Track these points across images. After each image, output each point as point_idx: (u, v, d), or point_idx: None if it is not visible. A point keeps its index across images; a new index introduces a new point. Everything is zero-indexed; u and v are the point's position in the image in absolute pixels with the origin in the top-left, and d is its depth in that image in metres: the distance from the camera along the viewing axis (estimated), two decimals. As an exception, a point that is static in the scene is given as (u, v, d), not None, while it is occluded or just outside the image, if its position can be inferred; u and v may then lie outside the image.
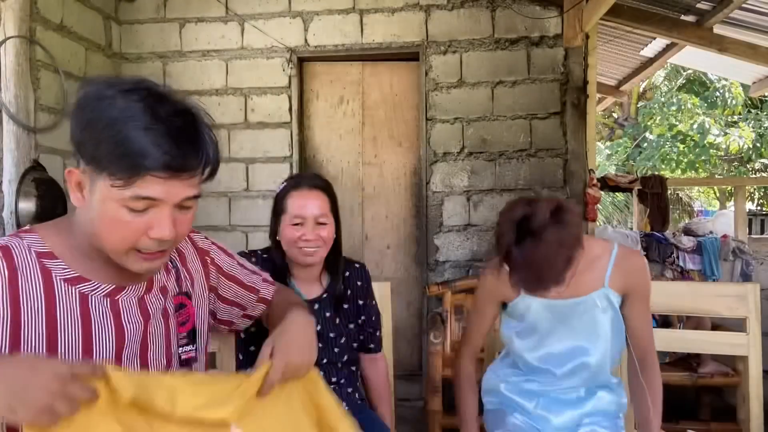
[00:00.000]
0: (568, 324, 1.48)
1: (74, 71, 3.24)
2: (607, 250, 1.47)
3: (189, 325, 1.05)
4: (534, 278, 1.31)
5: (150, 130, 0.79)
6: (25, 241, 0.89)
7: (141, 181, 0.81)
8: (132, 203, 0.82)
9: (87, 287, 0.90)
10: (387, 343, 1.77)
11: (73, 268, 0.90)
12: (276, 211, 1.57)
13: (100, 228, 0.85)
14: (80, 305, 0.89)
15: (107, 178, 0.81)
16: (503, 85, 3.52)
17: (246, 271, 1.21)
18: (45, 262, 0.88)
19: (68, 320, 0.88)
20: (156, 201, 0.83)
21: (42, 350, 0.85)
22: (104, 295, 0.92)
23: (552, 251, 1.25)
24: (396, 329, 3.67)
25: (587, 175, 3.42)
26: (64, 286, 0.88)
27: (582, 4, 3.33)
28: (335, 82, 3.74)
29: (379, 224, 3.74)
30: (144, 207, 0.83)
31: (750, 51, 3.68)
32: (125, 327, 0.93)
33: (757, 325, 1.63)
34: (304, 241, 1.51)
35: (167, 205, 0.85)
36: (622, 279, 1.45)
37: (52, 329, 0.86)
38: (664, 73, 10.23)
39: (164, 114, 0.81)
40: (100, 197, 0.83)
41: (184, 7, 3.70)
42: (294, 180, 1.59)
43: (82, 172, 0.85)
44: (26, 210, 2.73)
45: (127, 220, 0.84)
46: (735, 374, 2.79)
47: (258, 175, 3.66)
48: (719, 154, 10.08)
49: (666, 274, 3.68)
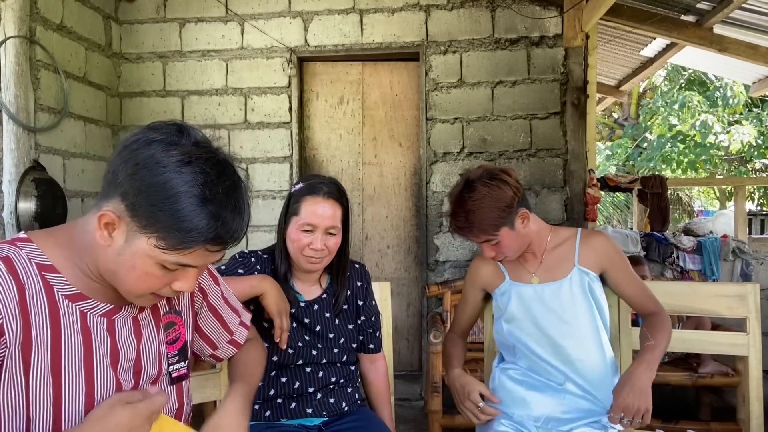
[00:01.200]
0: (549, 307, 1.56)
1: (74, 71, 3.24)
2: (573, 234, 1.63)
3: (179, 343, 1.05)
4: (465, 223, 1.48)
5: (210, 207, 0.80)
6: (24, 251, 0.86)
7: (189, 252, 0.82)
8: (170, 265, 0.84)
9: (86, 305, 0.90)
10: (387, 343, 1.77)
11: (73, 284, 0.89)
12: (287, 210, 1.55)
13: (123, 273, 0.85)
14: (81, 323, 0.88)
15: (154, 240, 0.81)
16: (503, 85, 3.52)
17: (228, 308, 1.20)
18: (47, 276, 0.86)
19: (71, 337, 0.87)
20: (190, 267, 0.86)
21: (47, 369, 0.84)
22: (101, 315, 0.91)
23: (481, 200, 1.45)
24: (396, 329, 3.69)
25: (587, 175, 3.42)
26: (65, 303, 0.87)
27: (582, 4, 3.33)
28: (335, 82, 3.74)
29: (379, 224, 3.74)
30: (178, 269, 0.86)
31: (750, 51, 3.68)
32: (119, 347, 0.93)
33: (757, 325, 1.63)
34: (311, 250, 1.50)
35: (196, 269, 0.88)
36: (590, 257, 1.57)
37: (57, 346, 0.85)
38: (665, 73, 10.23)
39: (222, 190, 0.82)
40: (136, 250, 0.83)
41: (184, 7, 3.70)
42: (311, 184, 1.54)
43: (120, 219, 0.82)
44: (26, 210, 2.73)
45: (157, 275, 0.85)
46: (735, 374, 2.79)
47: (258, 175, 3.66)
48: (719, 154, 10.08)
49: (666, 274, 3.69)
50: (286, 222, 1.55)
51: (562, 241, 1.61)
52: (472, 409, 1.54)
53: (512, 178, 1.51)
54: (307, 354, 1.55)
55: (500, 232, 1.48)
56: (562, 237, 1.62)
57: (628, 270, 1.59)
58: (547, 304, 1.57)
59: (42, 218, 2.76)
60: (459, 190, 1.50)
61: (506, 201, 1.47)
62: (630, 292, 1.59)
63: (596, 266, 1.57)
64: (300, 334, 1.56)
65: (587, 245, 1.58)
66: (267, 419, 1.54)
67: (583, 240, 1.60)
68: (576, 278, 1.56)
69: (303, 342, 1.55)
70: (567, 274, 1.57)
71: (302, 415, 1.54)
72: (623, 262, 1.59)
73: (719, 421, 2.85)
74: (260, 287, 1.44)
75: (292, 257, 1.55)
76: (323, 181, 1.55)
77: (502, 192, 1.47)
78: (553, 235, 1.62)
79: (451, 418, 2.78)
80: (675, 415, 2.86)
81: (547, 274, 1.59)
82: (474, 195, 1.46)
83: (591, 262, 1.57)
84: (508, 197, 1.47)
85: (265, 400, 1.55)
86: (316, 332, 1.58)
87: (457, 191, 1.51)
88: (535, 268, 1.61)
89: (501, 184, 1.48)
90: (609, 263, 1.58)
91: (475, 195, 1.46)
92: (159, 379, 1.01)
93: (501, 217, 1.46)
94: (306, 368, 1.56)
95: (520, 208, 1.50)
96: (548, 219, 3.43)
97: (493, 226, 1.47)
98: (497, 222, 1.47)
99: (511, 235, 1.50)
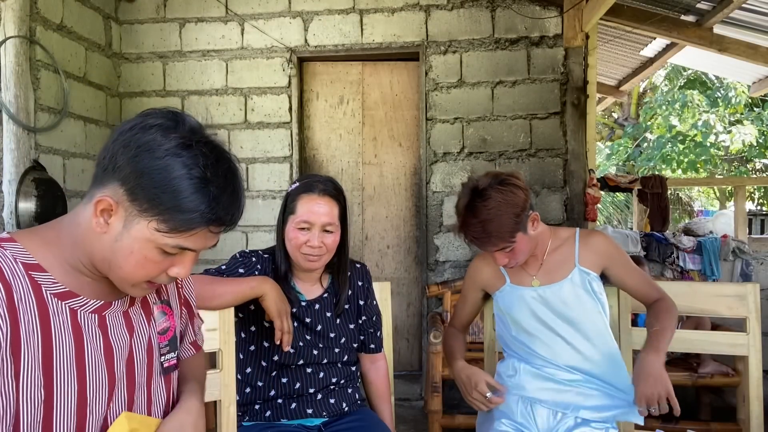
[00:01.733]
0: (553, 308, 1.56)
1: (74, 71, 3.24)
2: (571, 234, 1.62)
3: (170, 334, 1.04)
4: (483, 233, 1.44)
5: (212, 188, 0.81)
6: (8, 251, 0.84)
7: (190, 234, 0.83)
8: (170, 249, 0.84)
9: (76, 303, 0.88)
10: (387, 343, 1.77)
11: (62, 282, 0.87)
12: (284, 210, 1.56)
13: (121, 260, 0.85)
14: (71, 321, 0.87)
15: (154, 223, 0.82)
16: (503, 85, 3.52)
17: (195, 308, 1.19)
18: (34, 275, 0.85)
19: (62, 337, 0.86)
20: (189, 251, 0.86)
21: (38, 369, 0.83)
22: (92, 311, 0.90)
23: (497, 208, 1.43)
24: (396, 329, 3.69)
25: (587, 175, 3.42)
26: (54, 301, 0.86)
27: (582, 4, 3.33)
28: (335, 82, 3.74)
29: (379, 224, 3.74)
30: (177, 253, 0.86)
31: (750, 51, 3.68)
32: (113, 344, 0.92)
33: (757, 325, 1.63)
34: (308, 248, 1.50)
35: (194, 254, 0.88)
36: (591, 257, 1.57)
37: (48, 347, 0.84)
38: (665, 73, 10.23)
39: (222, 173, 0.84)
40: (135, 235, 0.83)
41: (184, 7, 3.70)
42: (306, 182, 1.56)
43: (118, 204, 0.83)
44: (26, 210, 2.73)
45: (155, 261, 0.85)
46: (735, 374, 2.79)
47: (258, 175, 3.66)
48: (720, 154, 10.07)
49: (666, 274, 3.68)
50: (284, 221, 1.55)
51: (562, 242, 1.61)
52: (480, 399, 1.54)
53: (521, 181, 1.50)
54: (308, 354, 1.55)
55: (516, 238, 1.46)
56: (561, 238, 1.62)
57: (629, 264, 1.60)
58: (550, 305, 1.56)
59: (42, 218, 2.76)
60: (469, 200, 1.47)
61: (520, 206, 1.46)
62: (632, 284, 1.60)
63: (597, 266, 1.58)
64: (301, 334, 1.56)
65: (587, 245, 1.58)
66: (267, 419, 1.54)
67: (582, 240, 1.59)
68: (577, 278, 1.56)
69: (304, 341, 1.55)
70: (567, 275, 1.57)
71: (303, 416, 1.54)
72: (623, 257, 1.60)
73: (719, 421, 2.86)
74: (260, 289, 1.44)
75: (291, 256, 1.55)
76: (319, 180, 1.55)
77: (516, 197, 1.45)
78: (553, 236, 1.62)
79: (451, 418, 2.78)
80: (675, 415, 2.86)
81: (547, 277, 1.59)
82: (488, 203, 1.43)
83: (591, 262, 1.57)
84: (522, 201, 1.46)
85: (265, 400, 1.55)
86: (317, 332, 1.58)
87: (466, 201, 1.47)
88: (536, 271, 1.61)
89: (514, 189, 1.46)
90: (609, 261, 1.58)
91: (489, 203, 1.43)
92: (152, 372, 1.00)
93: (517, 222, 1.45)
94: (307, 369, 1.56)
95: (530, 211, 1.50)
96: (548, 219, 3.43)
97: (510, 232, 1.45)
98: (513, 228, 1.45)
99: (525, 239, 1.49)
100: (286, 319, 1.46)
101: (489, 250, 1.50)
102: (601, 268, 1.58)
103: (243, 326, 1.58)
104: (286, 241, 1.54)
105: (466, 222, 1.47)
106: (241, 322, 1.57)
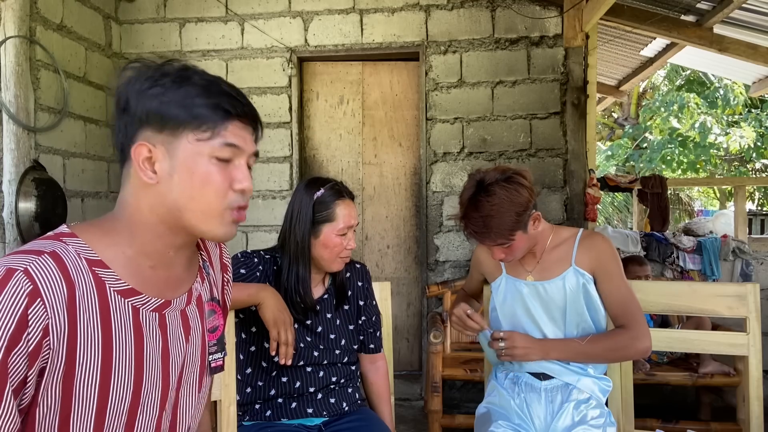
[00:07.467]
0: (545, 304, 1.58)
1: (74, 71, 3.24)
2: (573, 234, 1.62)
3: (218, 333, 1.02)
4: (483, 228, 1.45)
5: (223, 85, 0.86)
6: (71, 246, 0.82)
7: (226, 128, 0.84)
8: (219, 152, 0.84)
9: (139, 300, 0.86)
10: (387, 343, 1.78)
11: (124, 278, 0.85)
12: (318, 218, 1.52)
13: (187, 191, 0.84)
14: (133, 319, 0.85)
15: (191, 133, 0.83)
16: (503, 85, 3.52)
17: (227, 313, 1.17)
18: (97, 271, 0.83)
19: (122, 336, 0.84)
20: (238, 150, 0.86)
21: (97, 368, 0.81)
22: (153, 310, 0.88)
23: (500, 205, 1.43)
24: (396, 329, 3.69)
25: (587, 175, 3.42)
26: (117, 299, 0.84)
27: (582, 4, 3.33)
28: (335, 82, 3.74)
29: (379, 224, 3.74)
30: (229, 156, 0.86)
31: (750, 51, 3.67)
32: (170, 343, 0.90)
33: (757, 325, 1.63)
34: (347, 250, 1.54)
35: (244, 157, 0.88)
36: (586, 258, 1.56)
37: (108, 346, 0.82)
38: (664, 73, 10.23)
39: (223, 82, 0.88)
40: (185, 156, 0.83)
41: (184, 7, 3.70)
42: (333, 188, 1.55)
43: (153, 145, 0.84)
44: (26, 210, 2.73)
45: (217, 174, 0.85)
46: (735, 374, 2.79)
47: (258, 175, 3.66)
48: (719, 155, 10.07)
49: (666, 274, 3.68)
50: (314, 230, 1.53)
51: (562, 242, 1.61)
52: (460, 315, 1.55)
53: (527, 180, 1.49)
54: (308, 355, 1.55)
55: (515, 236, 1.47)
56: (562, 237, 1.62)
57: (616, 279, 1.54)
58: (541, 301, 1.58)
59: (42, 218, 2.76)
60: (473, 193, 1.47)
61: (523, 205, 1.45)
62: (609, 299, 1.55)
63: (589, 268, 1.56)
64: (302, 336, 1.56)
65: (584, 246, 1.58)
66: (267, 419, 1.54)
67: (581, 241, 1.59)
68: (571, 278, 1.56)
69: (305, 343, 1.55)
70: (562, 272, 1.57)
71: (303, 415, 1.54)
72: (613, 268, 1.55)
73: (719, 421, 2.85)
74: (258, 297, 1.44)
75: (322, 262, 1.55)
76: (337, 183, 1.57)
77: (520, 196, 1.45)
78: (554, 235, 1.62)
79: (451, 418, 2.79)
80: (675, 415, 2.87)
81: (542, 274, 1.60)
82: (492, 199, 1.43)
83: (585, 263, 1.57)
84: (525, 201, 1.46)
85: (265, 399, 1.55)
86: (318, 333, 1.58)
87: (470, 194, 1.47)
88: (532, 267, 1.61)
89: (519, 187, 1.46)
90: (598, 266, 1.55)
91: (493, 199, 1.43)
92: (203, 372, 0.98)
93: (518, 221, 1.45)
94: (307, 368, 1.56)
95: (532, 211, 1.50)
96: (548, 219, 3.41)
97: (510, 230, 1.45)
98: (514, 226, 1.45)
99: (524, 237, 1.49)
100: (284, 330, 1.44)
101: (487, 244, 1.51)
102: (592, 270, 1.56)
103: (243, 327, 1.58)
104: (322, 248, 1.53)
105: (468, 215, 1.48)
106: (241, 322, 1.57)
